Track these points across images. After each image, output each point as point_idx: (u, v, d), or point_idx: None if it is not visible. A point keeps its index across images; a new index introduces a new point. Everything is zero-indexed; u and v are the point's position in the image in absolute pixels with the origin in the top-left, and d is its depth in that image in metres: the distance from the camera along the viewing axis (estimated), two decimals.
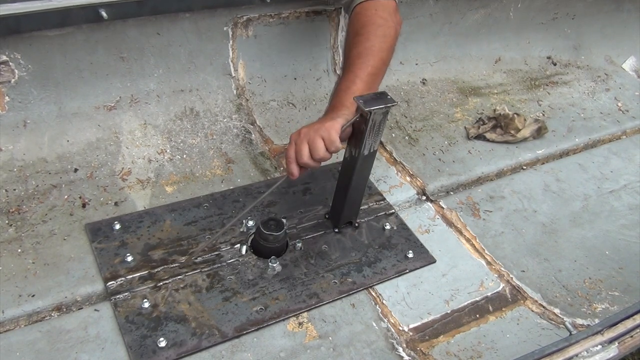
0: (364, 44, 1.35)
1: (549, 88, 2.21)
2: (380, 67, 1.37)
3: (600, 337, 1.10)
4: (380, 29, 1.37)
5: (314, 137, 1.23)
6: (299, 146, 1.24)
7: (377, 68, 1.35)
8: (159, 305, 1.21)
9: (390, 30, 1.39)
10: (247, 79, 1.75)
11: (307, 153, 1.23)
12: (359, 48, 1.35)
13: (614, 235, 1.63)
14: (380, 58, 1.36)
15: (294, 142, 1.26)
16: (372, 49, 1.35)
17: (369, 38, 1.35)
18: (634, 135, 2.07)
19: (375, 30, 1.37)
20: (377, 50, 1.35)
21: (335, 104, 1.31)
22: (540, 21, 2.29)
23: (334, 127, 1.23)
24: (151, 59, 1.57)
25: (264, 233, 1.31)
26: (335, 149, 1.23)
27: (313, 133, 1.23)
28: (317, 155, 1.23)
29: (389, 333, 1.27)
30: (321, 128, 1.23)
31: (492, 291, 1.41)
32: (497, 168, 1.77)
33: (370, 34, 1.36)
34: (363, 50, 1.34)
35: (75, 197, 1.39)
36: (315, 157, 1.23)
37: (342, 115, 1.26)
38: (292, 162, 1.25)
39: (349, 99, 1.28)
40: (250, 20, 1.68)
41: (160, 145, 1.56)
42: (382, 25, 1.38)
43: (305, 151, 1.23)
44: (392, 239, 1.47)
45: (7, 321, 1.13)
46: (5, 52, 1.35)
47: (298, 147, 1.24)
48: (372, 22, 1.37)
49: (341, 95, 1.31)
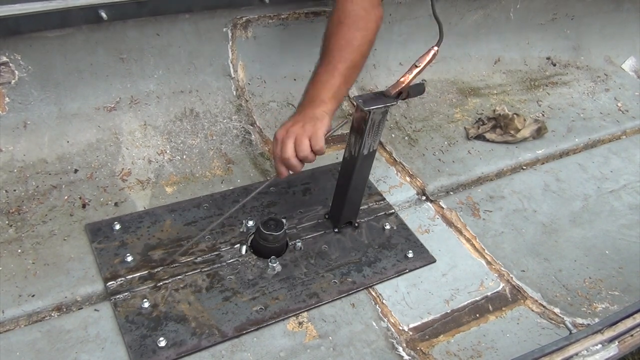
0: (345, 35, 1.34)
1: (548, 88, 2.21)
2: (360, 61, 1.37)
3: (600, 336, 1.10)
4: (362, 22, 1.37)
5: (301, 135, 1.22)
6: (285, 142, 1.23)
7: (357, 62, 1.35)
8: (159, 305, 1.21)
9: (371, 24, 1.39)
10: (246, 80, 1.75)
11: (292, 150, 1.23)
12: (340, 39, 1.34)
13: (614, 235, 1.63)
14: (360, 52, 1.36)
15: (280, 139, 1.25)
16: (352, 41, 1.34)
17: (350, 29, 1.35)
18: (633, 135, 2.07)
19: (358, 22, 1.36)
20: (357, 44, 1.35)
21: (314, 98, 1.30)
22: (539, 22, 2.29)
23: (321, 129, 1.23)
24: (151, 60, 1.57)
25: (263, 233, 1.31)
26: (320, 149, 1.23)
27: (301, 132, 1.23)
28: (302, 154, 1.22)
29: (389, 333, 1.27)
30: (308, 128, 1.23)
31: (492, 291, 1.41)
32: (497, 168, 1.77)
33: (352, 26, 1.35)
34: (344, 42, 1.34)
35: (76, 198, 1.39)
36: (300, 155, 1.23)
37: (324, 113, 1.26)
38: (279, 162, 1.26)
39: (327, 93, 1.28)
40: (250, 21, 1.68)
41: (160, 146, 1.56)
42: (364, 17, 1.37)
43: (290, 148, 1.23)
44: (392, 239, 1.47)
45: (7, 321, 1.13)
46: (5, 53, 1.35)
47: (284, 145, 1.23)
48: (355, 13, 1.36)
49: (319, 88, 1.31)
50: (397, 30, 1.98)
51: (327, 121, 1.26)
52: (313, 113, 1.27)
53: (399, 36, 1.99)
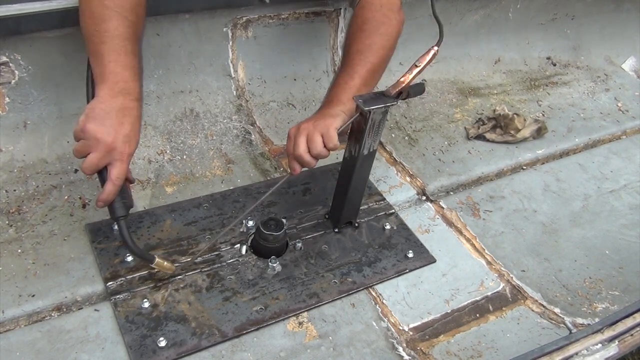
0: (364, 41, 1.35)
1: (548, 88, 2.21)
2: (380, 65, 1.37)
3: (600, 336, 1.10)
4: (382, 27, 1.37)
5: (312, 132, 1.22)
6: (297, 139, 1.23)
7: (377, 65, 1.35)
8: (159, 305, 1.21)
9: (392, 29, 1.39)
10: (246, 80, 1.75)
11: (304, 147, 1.23)
12: (359, 44, 1.35)
13: (614, 235, 1.63)
14: (380, 56, 1.36)
15: (293, 136, 1.25)
16: (372, 46, 1.34)
17: (370, 35, 1.35)
18: (634, 135, 2.07)
19: (378, 28, 1.36)
20: (377, 48, 1.35)
21: (332, 99, 1.31)
22: (539, 22, 2.29)
23: (333, 125, 1.23)
24: (151, 60, 1.57)
25: (263, 233, 1.31)
26: (334, 146, 1.23)
27: (312, 128, 1.23)
28: (315, 151, 1.22)
29: (389, 333, 1.27)
30: (320, 124, 1.23)
31: (492, 291, 1.41)
32: (497, 168, 1.77)
33: (372, 31, 1.36)
34: (363, 47, 1.34)
35: (76, 198, 1.39)
36: (313, 152, 1.23)
37: (340, 111, 1.26)
38: (293, 159, 1.26)
39: (346, 94, 1.28)
40: (250, 21, 1.68)
41: (160, 146, 1.56)
42: (385, 23, 1.38)
43: (302, 144, 1.23)
44: (392, 239, 1.47)
45: (7, 321, 1.13)
46: (6, 53, 1.35)
47: (296, 141, 1.24)
48: (375, 18, 1.37)
49: (338, 90, 1.31)
50: None
51: (341, 118, 1.25)
52: (329, 112, 1.27)
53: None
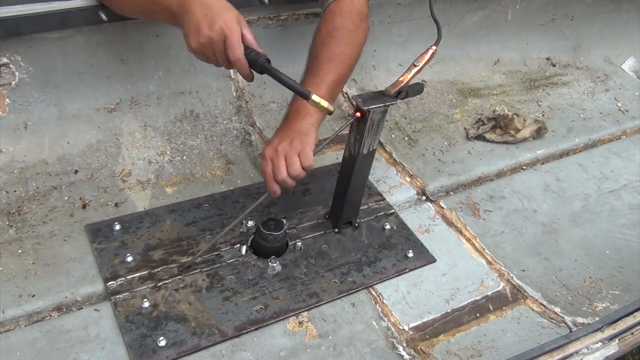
0: (334, 49, 1.36)
1: (548, 89, 2.21)
2: (346, 75, 1.39)
3: (600, 335, 1.10)
4: (351, 36, 1.39)
5: (290, 153, 1.23)
6: (276, 163, 1.24)
7: (344, 75, 1.38)
8: (159, 305, 1.21)
9: (360, 38, 1.41)
10: (246, 81, 1.75)
11: (284, 171, 1.23)
12: (328, 52, 1.36)
13: (614, 235, 1.62)
14: (348, 65, 1.38)
15: (269, 159, 1.26)
16: (341, 55, 1.36)
17: (340, 43, 1.37)
18: (634, 135, 2.07)
19: (347, 36, 1.38)
20: (345, 57, 1.37)
21: (299, 109, 1.32)
22: (539, 22, 2.29)
23: (309, 144, 1.24)
24: (151, 61, 1.58)
25: (263, 233, 1.31)
26: (309, 165, 1.23)
27: (289, 149, 1.23)
28: (294, 173, 1.23)
29: (389, 332, 1.27)
30: (296, 144, 1.23)
31: (492, 290, 1.41)
32: (497, 168, 1.77)
33: (341, 39, 1.37)
34: (332, 55, 1.36)
35: (76, 198, 1.40)
36: (292, 175, 1.23)
37: (310, 125, 1.27)
38: (272, 181, 1.25)
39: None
40: (250, 22, 1.68)
41: (160, 146, 1.57)
42: (354, 31, 1.39)
43: (282, 168, 1.23)
44: (392, 239, 1.47)
45: (7, 321, 1.13)
46: (6, 54, 1.35)
47: (275, 164, 1.24)
48: (344, 26, 1.38)
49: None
50: (397, 32, 1.98)
51: (314, 135, 1.27)
52: (299, 127, 1.28)
53: (398, 37, 1.99)
